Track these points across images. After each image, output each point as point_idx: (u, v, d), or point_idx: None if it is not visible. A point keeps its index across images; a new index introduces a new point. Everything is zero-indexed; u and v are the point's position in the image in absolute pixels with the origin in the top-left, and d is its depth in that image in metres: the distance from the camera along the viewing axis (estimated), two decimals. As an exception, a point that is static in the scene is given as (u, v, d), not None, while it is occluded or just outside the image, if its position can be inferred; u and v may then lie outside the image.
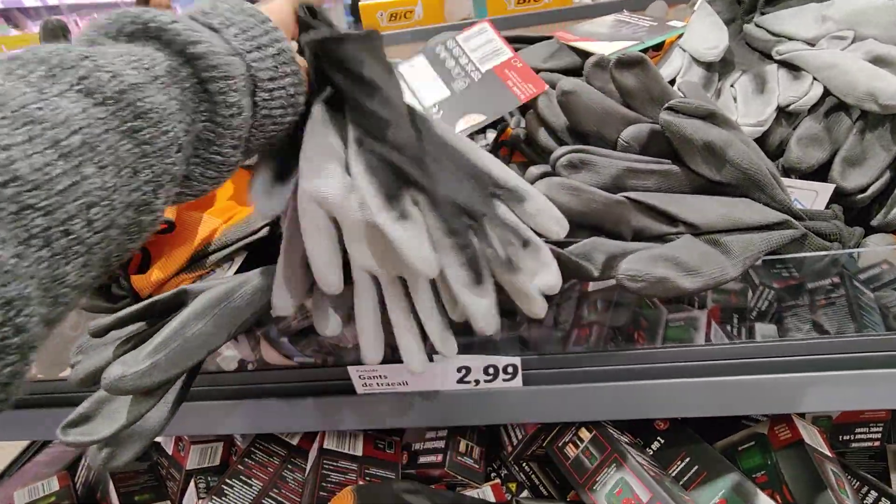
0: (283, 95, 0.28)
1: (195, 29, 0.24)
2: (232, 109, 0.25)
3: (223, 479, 0.54)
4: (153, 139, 0.22)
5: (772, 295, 0.49)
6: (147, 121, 0.21)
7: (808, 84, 0.42)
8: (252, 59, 0.26)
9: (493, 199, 0.31)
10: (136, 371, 0.28)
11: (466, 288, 0.29)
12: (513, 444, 0.55)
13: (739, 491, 0.45)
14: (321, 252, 0.29)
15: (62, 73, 0.20)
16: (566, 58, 0.49)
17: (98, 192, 0.19)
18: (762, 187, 0.38)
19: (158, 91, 0.22)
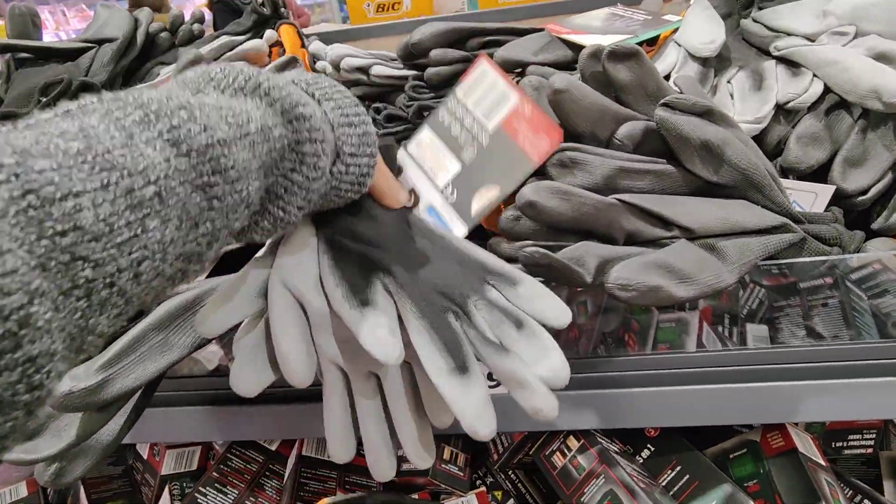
0: (356, 173, 0.29)
1: (299, 96, 0.25)
2: (316, 172, 0.26)
3: (197, 486, 0.51)
4: (224, 195, 0.22)
5: (763, 294, 0.47)
6: (224, 177, 0.22)
7: (807, 81, 0.41)
8: (341, 133, 0.28)
9: (483, 285, 0.29)
10: (86, 387, 0.26)
11: (448, 377, 0.24)
12: (499, 451, 0.53)
13: (732, 501, 0.44)
14: (289, 341, 0.27)
15: (156, 120, 0.20)
16: (557, 51, 0.47)
17: (154, 245, 0.19)
18: (760, 189, 0.36)
19: (245, 148, 0.23)
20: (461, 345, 0.25)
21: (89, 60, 0.51)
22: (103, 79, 0.48)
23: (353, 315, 0.26)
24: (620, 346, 0.48)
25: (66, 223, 0.16)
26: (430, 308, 0.27)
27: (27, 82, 0.48)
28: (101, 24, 0.56)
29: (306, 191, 0.26)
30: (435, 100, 0.50)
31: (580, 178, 0.36)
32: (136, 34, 0.54)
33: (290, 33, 0.56)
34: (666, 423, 0.43)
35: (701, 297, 0.34)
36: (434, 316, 0.26)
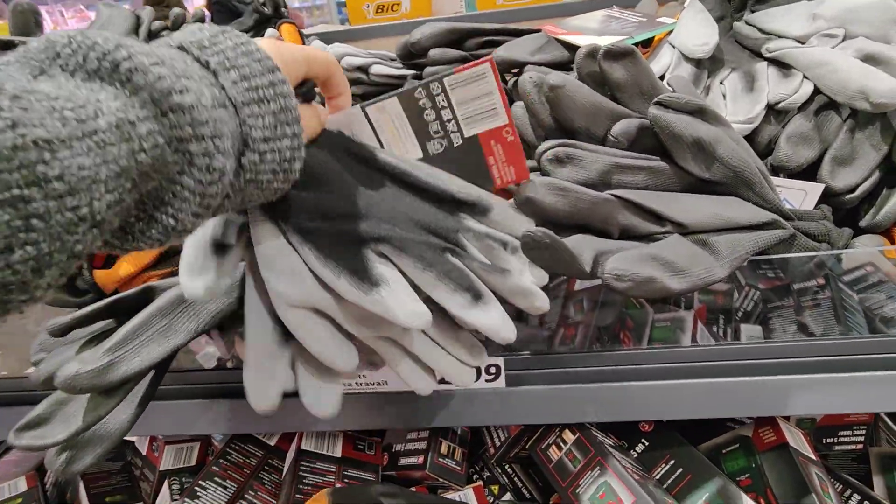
0: (276, 160, 0.24)
1: (183, 73, 0.20)
2: (211, 174, 0.21)
3: (196, 480, 0.52)
4: (48, 214, 0.17)
5: (757, 296, 0.48)
6: (45, 191, 0.17)
7: (798, 82, 0.42)
8: (249, 114, 0.22)
9: (460, 216, 0.31)
10: (93, 369, 0.27)
11: (470, 309, 0.28)
12: (495, 445, 0.53)
13: (724, 494, 0.44)
14: (326, 344, 0.28)
15: None
16: (554, 51, 0.48)
17: None
18: (751, 186, 0.37)
19: (87, 152, 0.17)
20: (469, 278, 0.28)
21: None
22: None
23: (372, 299, 0.26)
24: (616, 344, 0.49)
25: None
26: (431, 256, 0.28)
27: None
28: (103, 22, 0.56)
29: (201, 196, 0.21)
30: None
31: (576, 174, 0.36)
32: (138, 32, 0.54)
33: (291, 32, 0.56)
34: (660, 416, 0.44)
35: (693, 290, 0.34)
36: (437, 262, 0.28)
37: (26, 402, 0.49)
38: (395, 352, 0.31)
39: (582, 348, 0.46)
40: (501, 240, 0.30)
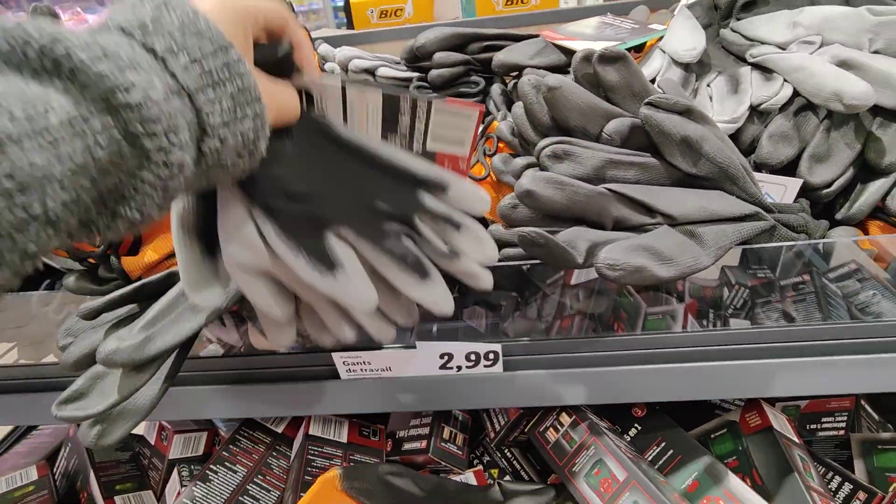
0: (238, 143, 0.22)
1: (129, 64, 0.19)
2: (170, 170, 0.20)
3: (208, 464, 0.54)
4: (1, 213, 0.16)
5: (746, 293, 0.51)
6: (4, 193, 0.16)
7: (778, 85, 0.45)
8: (205, 101, 0.21)
9: (418, 193, 0.32)
10: (131, 344, 0.29)
11: (416, 286, 0.30)
12: (495, 429, 0.56)
13: (711, 473, 0.47)
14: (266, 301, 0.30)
15: None
16: (552, 55, 0.51)
17: None
18: (735, 181, 0.40)
19: (38, 149, 0.17)
20: (419, 260, 0.30)
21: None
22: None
23: (327, 282, 0.28)
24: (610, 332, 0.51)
25: None
26: (386, 239, 0.30)
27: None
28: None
29: (163, 190, 0.20)
30: (438, 99, 0.53)
31: (572, 169, 0.39)
32: None
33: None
34: (652, 398, 0.46)
35: (681, 277, 0.37)
36: (392, 247, 0.30)
37: (43, 389, 0.51)
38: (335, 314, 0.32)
39: (576, 335, 0.49)
40: (455, 221, 0.32)
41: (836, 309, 0.47)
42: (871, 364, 0.43)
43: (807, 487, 0.47)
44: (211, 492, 0.52)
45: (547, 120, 0.41)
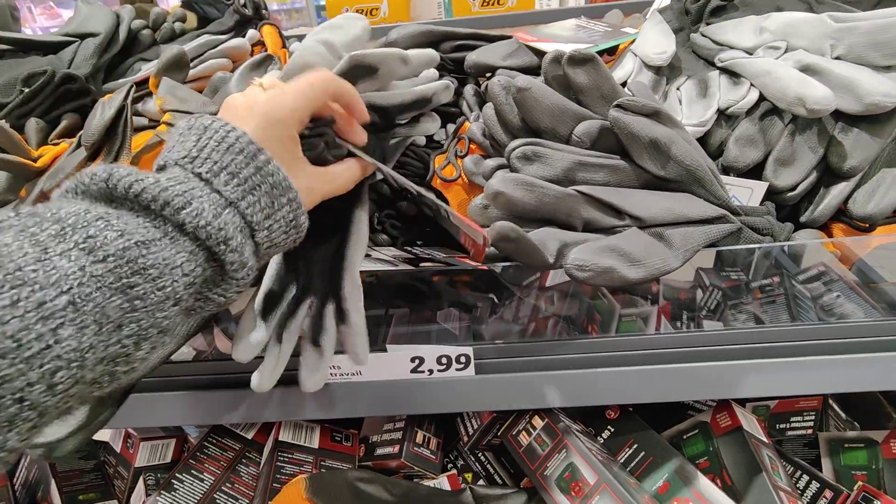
0: (282, 226, 0.28)
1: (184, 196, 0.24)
2: (235, 265, 0.26)
3: (173, 473, 0.52)
4: (146, 294, 0.22)
5: (720, 295, 0.51)
6: (145, 276, 0.22)
7: (745, 89, 0.45)
8: (246, 206, 0.26)
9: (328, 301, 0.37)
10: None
11: None
12: (468, 433, 0.55)
13: (681, 474, 0.47)
14: None
15: (72, 233, 0.21)
16: (524, 57, 0.51)
17: (70, 353, 0.19)
18: (703, 184, 0.40)
19: (166, 247, 0.23)
20: None
21: (71, 54, 0.52)
22: (86, 72, 0.49)
23: None
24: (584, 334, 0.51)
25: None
26: None
27: (9, 73, 0.49)
28: (82, 19, 0.57)
29: (237, 280, 0.27)
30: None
31: (542, 170, 0.39)
32: (118, 30, 0.55)
33: (272, 34, 0.58)
34: (624, 400, 0.46)
35: (649, 279, 0.37)
36: None
37: None
38: None
39: (549, 338, 0.48)
40: None
41: (804, 311, 0.48)
42: (838, 365, 0.44)
43: (774, 487, 0.48)
44: (176, 501, 0.50)
45: (517, 121, 0.40)
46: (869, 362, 0.43)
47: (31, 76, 0.47)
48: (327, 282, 0.37)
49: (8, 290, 0.18)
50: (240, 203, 0.26)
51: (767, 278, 0.48)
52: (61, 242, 0.20)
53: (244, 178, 0.26)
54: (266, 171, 0.27)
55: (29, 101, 0.47)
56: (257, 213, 0.27)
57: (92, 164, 0.39)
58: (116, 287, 0.21)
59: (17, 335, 0.18)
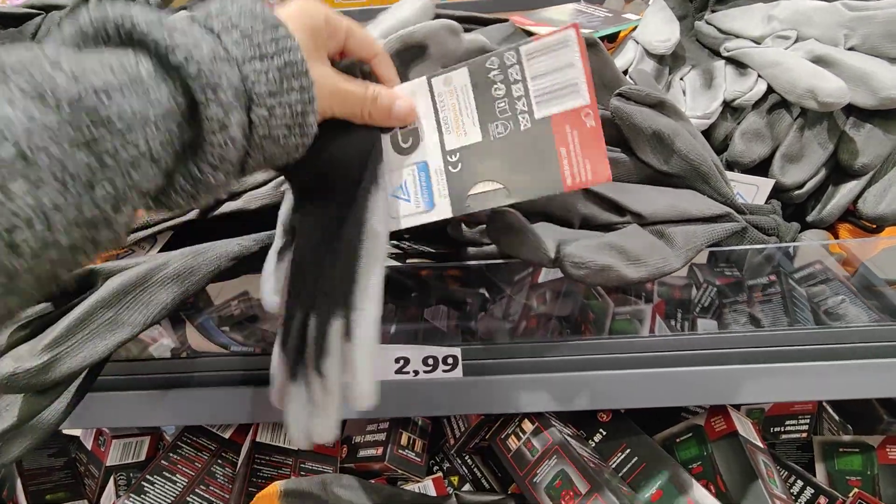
0: (287, 114, 0.25)
1: (183, 32, 0.22)
2: (213, 124, 0.22)
3: (143, 475, 0.50)
4: (116, 151, 0.19)
5: (714, 292, 0.50)
6: (110, 129, 0.19)
7: (753, 80, 0.43)
8: (251, 70, 0.23)
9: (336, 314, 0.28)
10: (32, 367, 0.25)
11: None
12: (455, 436, 0.53)
13: (675, 481, 0.46)
14: None
15: (15, 77, 0.18)
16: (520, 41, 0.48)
17: (28, 211, 0.17)
18: (707, 179, 0.38)
19: (134, 95, 0.20)
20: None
21: (34, 27, 0.48)
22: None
23: None
24: (577, 335, 0.49)
25: None
26: None
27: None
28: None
29: (213, 146, 0.23)
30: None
31: (538, 163, 0.36)
32: (86, 1, 0.51)
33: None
34: (617, 405, 0.44)
35: (649, 279, 0.35)
36: None
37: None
38: None
39: (543, 338, 0.46)
40: None
41: (801, 311, 0.46)
42: (836, 370, 0.42)
43: (770, 495, 0.46)
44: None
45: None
46: (868, 368, 0.42)
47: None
48: (334, 290, 0.28)
49: None
50: (244, 65, 0.23)
51: (764, 277, 0.46)
52: (2, 86, 0.18)
53: (257, 42, 0.23)
54: (284, 45, 0.24)
55: None
56: (261, 84, 0.23)
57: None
58: (78, 141, 0.18)
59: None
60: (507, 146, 0.28)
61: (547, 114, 0.27)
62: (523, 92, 0.28)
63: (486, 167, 0.29)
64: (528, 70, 0.27)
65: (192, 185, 0.23)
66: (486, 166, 0.29)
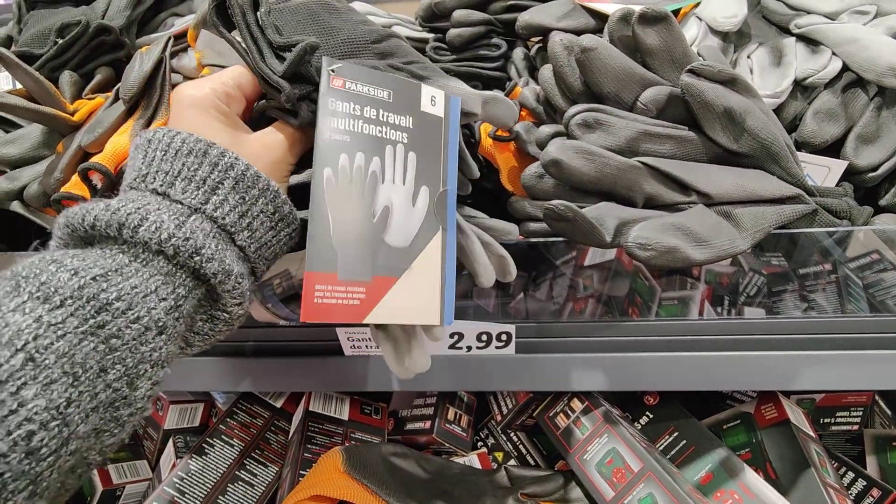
0: (264, 221, 0.25)
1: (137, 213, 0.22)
2: (219, 276, 0.23)
3: (204, 437, 0.52)
4: (121, 331, 0.20)
5: (762, 281, 0.49)
6: (112, 312, 0.20)
7: (826, 58, 0.41)
8: (213, 208, 0.24)
9: None
10: None
11: None
12: (502, 413, 0.54)
13: (726, 465, 0.45)
14: None
15: (26, 284, 0.19)
16: (580, 18, 0.47)
17: (43, 413, 0.18)
18: (777, 159, 0.37)
19: (130, 276, 0.21)
20: None
21: (104, 5, 0.50)
22: (121, 23, 0.47)
23: None
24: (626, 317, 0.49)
25: None
26: None
27: (42, 23, 0.47)
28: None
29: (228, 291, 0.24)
30: (457, 62, 0.50)
31: (603, 139, 0.36)
32: (33, 8, 0.52)
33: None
34: (667, 387, 0.44)
35: (715, 261, 0.34)
36: None
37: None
38: None
39: (595, 319, 0.46)
40: None
41: (856, 301, 0.45)
42: (893, 360, 0.41)
43: (823, 483, 0.45)
44: (207, 465, 0.50)
45: (578, 85, 0.37)
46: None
47: (64, 27, 0.45)
48: None
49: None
50: (204, 207, 0.23)
51: (819, 264, 0.45)
52: (15, 297, 0.19)
53: (201, 179, 0.24)
54: (223, 164, 0.24)
55: (63, 52, 0.45)
56: (229, 214, 0.24)
57: (130, 118, 0.37)
58: (84, 331, 0.19)
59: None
60: None
61: None
62: None
63: None
64: None
65: (226, 323, 0.25)
66: None
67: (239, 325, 0.27)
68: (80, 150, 0.36)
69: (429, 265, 0.30)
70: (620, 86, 0.37)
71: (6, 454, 0.17)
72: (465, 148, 0.36)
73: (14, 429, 0.17)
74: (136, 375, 0.21)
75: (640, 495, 0.39)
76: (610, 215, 0.35)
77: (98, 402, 0.19)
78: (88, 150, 0.36)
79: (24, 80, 0.40)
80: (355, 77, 0.28)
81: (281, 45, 0.28)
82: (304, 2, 0.32)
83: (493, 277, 0.33)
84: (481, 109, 0.34)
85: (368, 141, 0.28)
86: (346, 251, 0.27)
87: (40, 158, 0.42)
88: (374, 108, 0.29)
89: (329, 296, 0.26)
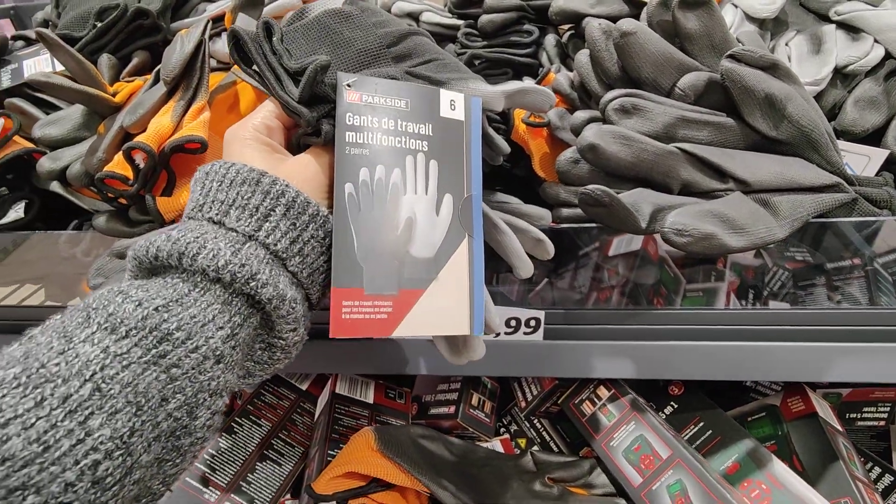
0: (315, 246, 0.26)
1: (196, 242, 0.23)
2: (273, 302, 0.24)
3: (232, 417, 0.53)
4: (181, 360, 0.21)
5: (786, 275, 0.48)
6: (173, 342, 0.21)
7: (868, 45, 0.40)
8: (265, 235, 0.24)
9: None
10: None
11: None
12: (527, 399, 0.54)
13: (753, 456, 0.45)
14: None
15: (95, 315, 0.20)
16: (615, 5, 0.47)
17: (108, 443, 0.18)
18: (817, 147, 0.36)
19: (189, 306, 0.22)
20: None
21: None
22: (157, 7, 0.47)
23: None
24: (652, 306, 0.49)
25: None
26: None
27: (82, 6, 0.47)
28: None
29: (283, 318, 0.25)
30: (488, 48, 0.50)
31: (640, 125, 0.36)
32: None
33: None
34: (694, 376, 0.44)
35: (752, 248, 0.34)
36: None
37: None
38: None
39: (619, 307, 0.46)
40: None
41: (887, 295, 0.44)
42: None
43: (852, 477, 0.45)
44: (236, 444, 0.51)
45: (616, 70, 0.37)
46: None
47: (103, 10, 0.46)
48: None
49: (31, 390, 0.17)
50: (258, 234, 0.24)
51: (847, 259, 0.44)
52: (86, 328, 0.20)
53: (254, 207, 0.24)
54: (274, 192, 0.25)
55: (101, 35, 0.46)
56: (281, 240, 0.25)
57: (171, 99, 0.38)
58: (146, 360, 0.20)
59: (44, 437, 0.17)
60: None
61: None
62: None
63: None
64: None
65: (283, 351, 0.26)
66: None
67: (296, 354, 0.27)
68: (122, 130, 0.37)
69: (456, 274, 0.29)
70: (658, 71, 0.36)
71: (73, 483, 0.17)
72: (488, 127, 0.35)
73: (81, 458, 0.17)
74: (195, 405, 0.21)
75: (668, 482, 0.39)
76: (646, 201, 0.35)
77: (160, 432, 0.20)
78: (130, 130, 0.37)
79: (66, 62, 0.41)
80: (371, 90, 0.28)
81: (296, 70, 0.28)
82: (316, 16, 0.32)
83: (532, 269, 0.33)
84: (510, 102, 0.33)
85: (388, 153, 0.28)
86: (371, 266, 0.27)
87: (81, 139, 0.43)
88: (392, 118, 0.29)
89: (356, 311, 0.26)
